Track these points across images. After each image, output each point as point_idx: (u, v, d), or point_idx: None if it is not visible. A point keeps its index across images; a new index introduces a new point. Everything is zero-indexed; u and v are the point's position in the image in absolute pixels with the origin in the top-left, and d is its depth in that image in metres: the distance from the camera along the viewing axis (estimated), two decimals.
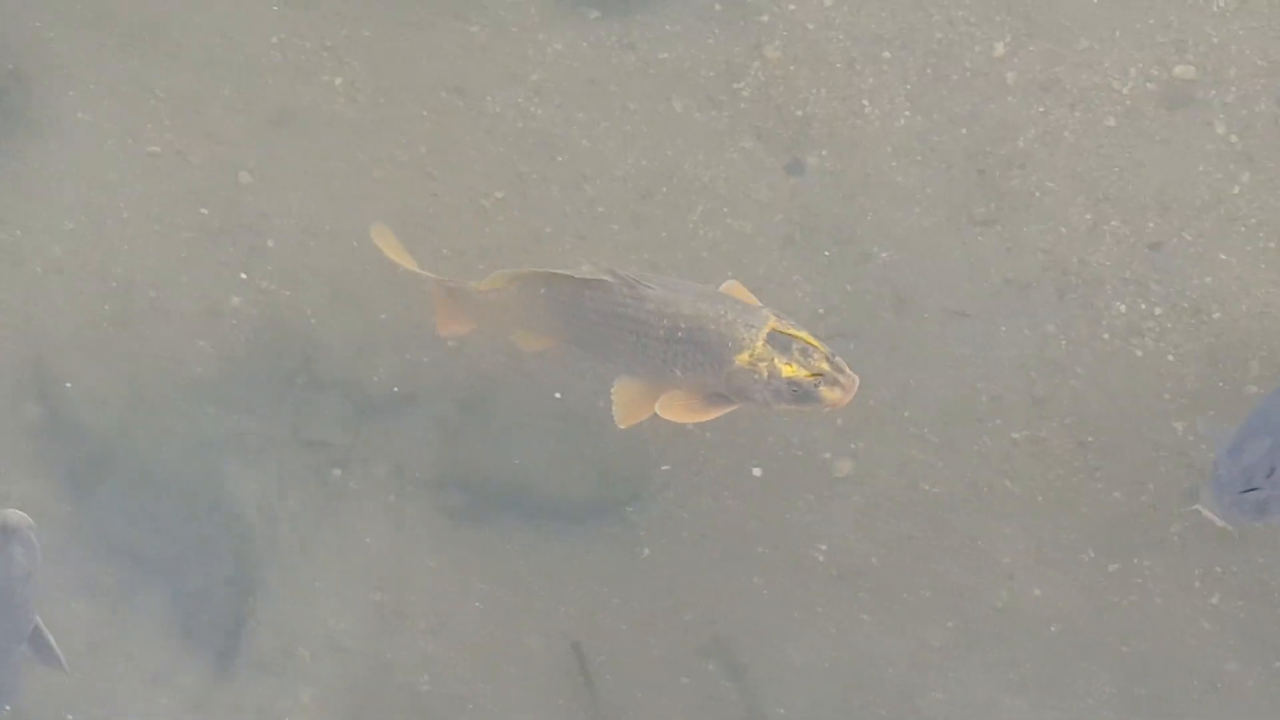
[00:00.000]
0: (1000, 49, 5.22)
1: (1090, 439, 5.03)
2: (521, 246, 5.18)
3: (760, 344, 4.59)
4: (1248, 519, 4.65)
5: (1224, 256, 5.13)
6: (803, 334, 4.61)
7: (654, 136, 5.23)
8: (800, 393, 4.59)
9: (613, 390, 4.76)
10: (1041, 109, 5.19)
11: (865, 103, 5.22)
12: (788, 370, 4.58)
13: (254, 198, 5.23)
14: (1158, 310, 5.11)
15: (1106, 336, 5.10)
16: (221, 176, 5.24)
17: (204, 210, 5.22)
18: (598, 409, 5.10)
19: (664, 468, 5.10)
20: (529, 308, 4.81)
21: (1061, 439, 5.06)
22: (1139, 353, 5.10)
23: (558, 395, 5.11)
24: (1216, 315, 5.11)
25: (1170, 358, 5.09)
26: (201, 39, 5.30)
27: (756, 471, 5.10)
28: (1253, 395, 5.06)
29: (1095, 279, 5.12)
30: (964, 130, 5.20)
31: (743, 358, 4.60)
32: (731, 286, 4.81)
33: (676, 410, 4.71)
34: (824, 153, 5.20)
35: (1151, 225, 5.15)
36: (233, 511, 5.13)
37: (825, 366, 4.58)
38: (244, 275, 5.19)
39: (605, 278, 4.69)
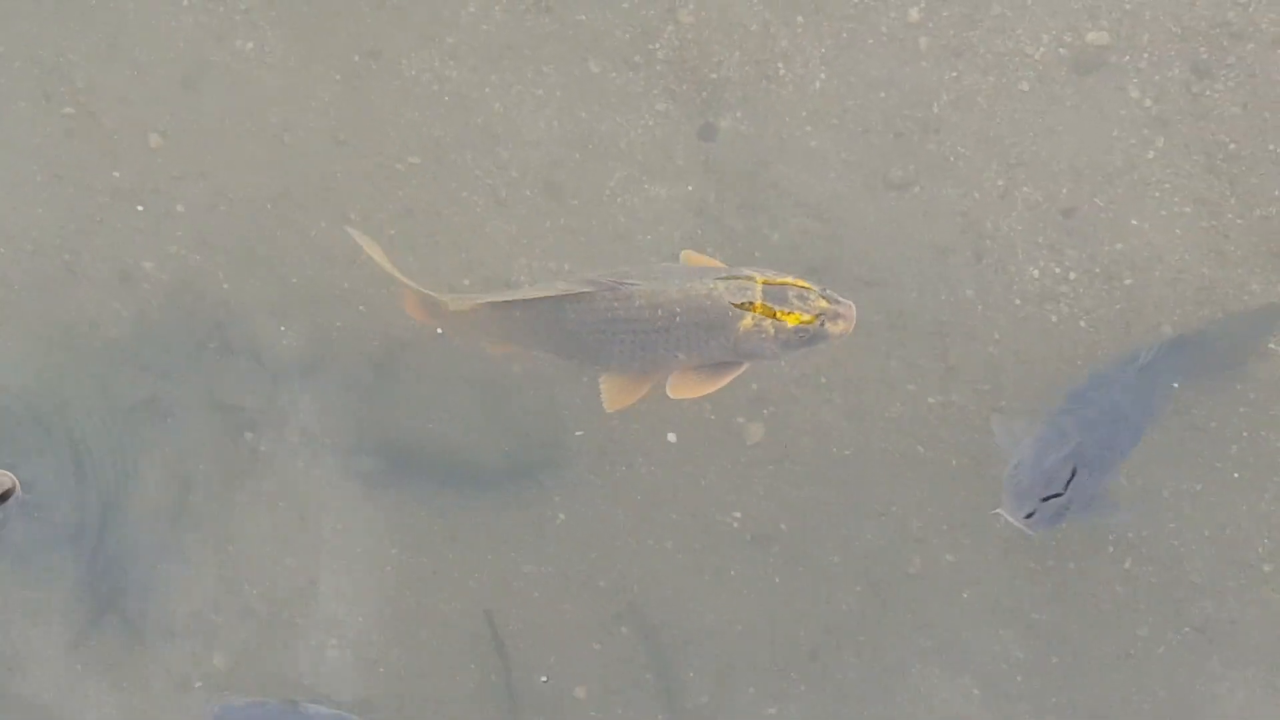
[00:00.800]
0: (915, 14, 5.20)
1: (1004, 404, 5.03)
2: (435, 210, 5.15)
3: (759, 304, 4.62)
4: (1047, 525, 4.70)
5: (1137, 222, 5.13)
6: (788, 279, 4.64)
7: (569, 100, 5.21)
8: (809, 336, 4.63)
9: (601, 380, 4.76)
10: (955, 74, 5.18)
11: (780, 66, 5.20)
12: (792, 320, 4.61)
13: (165, 161, 5.19)
14: (1072, 275, 5.11)
15: (1019, 302, 5.10)
16: (133, 139, 5.20)
17: (116, 173, 5.19)
18: (512, 373, 5.08)
19: (578, 433, 5.09)
20: (503, 327, 4.79)
21: (975, 404, 5.06)
22: (1053, 318, 5.10)
23: (471, 360, 5.10)
24: (1129, 281, 5.11)
25: (1083, 323, 5.09)
26: (114, 1, 5.26)
27: (671, 437, 5.09)
28: None
29: (1009, 244, 5.12)
30: (880, 94, 5.19)
31: (746, 322, 4.63)
32: (689, 255, 4.82)
33: (687, 389, 4.73)
34: (738, 115, 5.18)
35: (1065, 191, 5.14)
36: (145, 475, 5.10)
37: (824, 304, 4.62)
38: (155, 239, 5.16)
39: (585, 289, 4.66)
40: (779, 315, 4.61)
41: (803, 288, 4.63)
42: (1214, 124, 5.16)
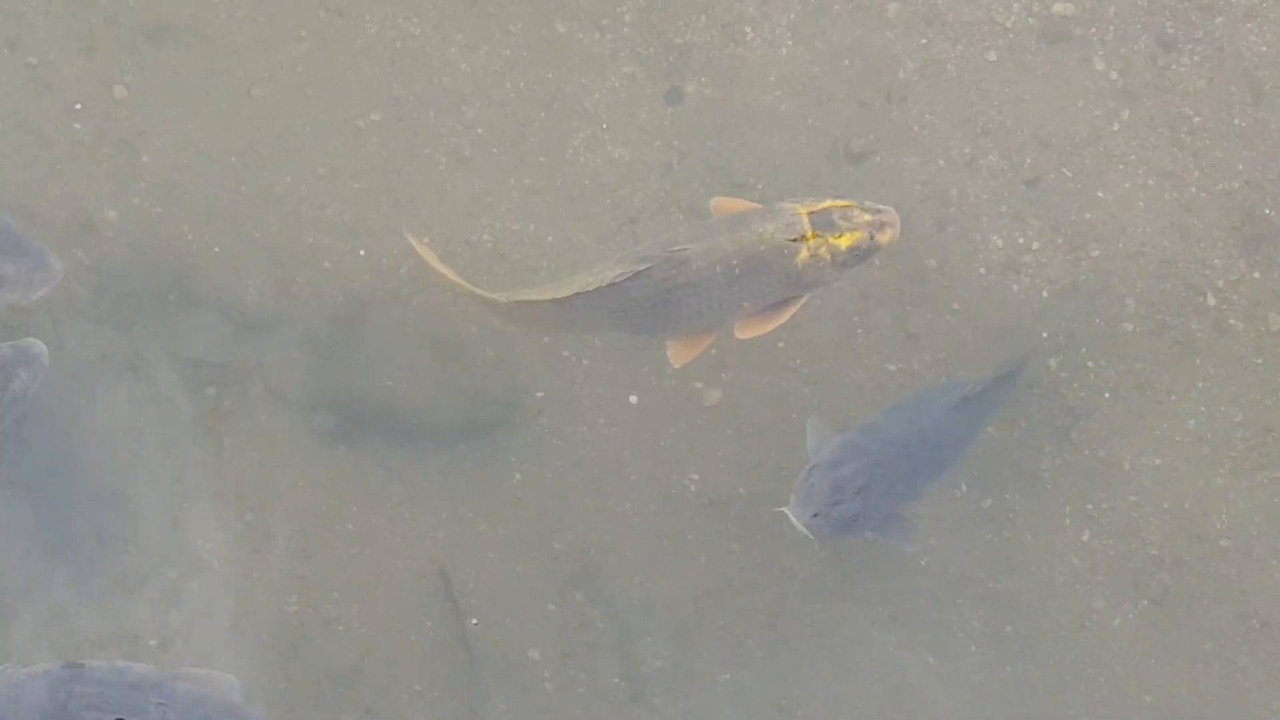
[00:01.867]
0: None
1: (963, 373, 5.03)
2: (396, 169, 5.15)
3: (810, 235, 4.68)
4: (832, 532, 4.71)
5: (1102, 194, 5.13)
6: (828, 202, 4.72)
7: (535, 60, 5.20)
8: (862, 252, 4.72)
9: (667, 342, 4.81)
10: (923, 41, 5.18)
11: (747, 30, 5.19)
12: (845, 241, 4.69)
13: (130, 112, 5.18)
14: (1035, 246, 5.11)
15: (982, 271, 5.10)
16: (97, 90, 5.19)
17: (78, 125, 5.17)
18: (472, 333, 5.08)
19: (538, 394, 5.08)
20: (565, 318, 4.83)
21: (934, 373, 5.06)
22: (1015, 288, 5.10)
23: (432, 319, 5.10)
24: (1094, 253, 5.11)
25: (1045, 294, 5.09)
26: None
27: (633, 399, 5.08)
28: (1129, 333, 5.07)
29: (972, 213, 5.11)
30: (846, 61, 5.18)
31: (802, 255, 4.68)
32: (719, 203, 4.86)
33: (755, 329, 4.79)
34: (704, 80, 5.18)
35: (1030, 160, 5.14)
36: (103, 428, 5.09)
37: (867, 217, 4.70)
38: (119, 189, 5.15)
39: (641, 267, 4.69)
40: (831, 239, 4.66)
41: (844, 206, 4.69)
42: (1179, 97, 5.17)
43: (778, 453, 5.05)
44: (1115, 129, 5.14)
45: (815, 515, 4.69)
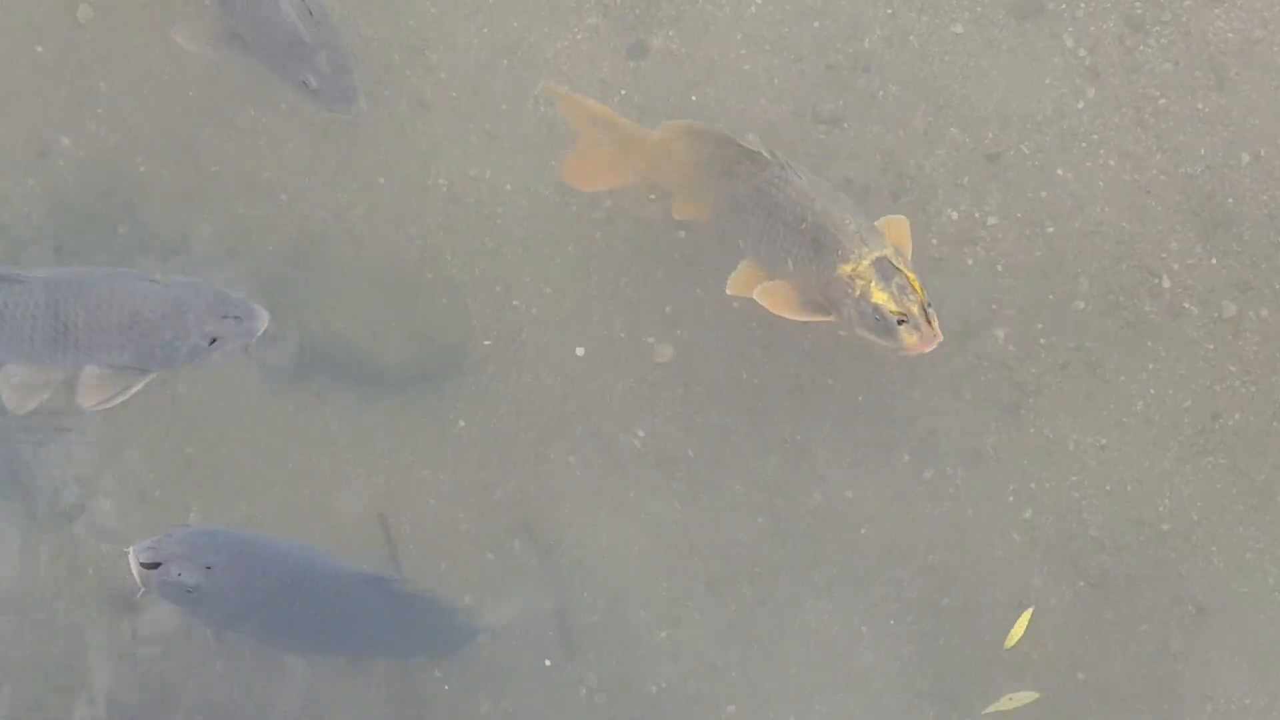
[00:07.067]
0: None
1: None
2: None
3: (866, 263, 4.63)
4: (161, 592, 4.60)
5: (1061, 172, 5.12)
6: (910, 274, 4.65)
7: (501, 7, 5.17)
8: (882, 324, 4.64)
9: (742, 262, 4.80)
10: (890, 10, 5.16)
11: None
12: (879, 296, 4.62)
13: (92, 36, 5.14)
14: (991, 221, 5.10)
15: (936, 242, 5.08)
16: (61, 11, 5.14)
17: (39, 47, 5.13)
18: (424, 278, 5.05)
19: (486, 342, 5.06)
20: (691, 166, 4.82)
21: None
22: (969, 261, 5.09)
23: (383, 261, 5.07)
24: (1050, 230, 5.10)
25: (999, 268, 5.08)
26: None
27: (579, 351, 5.06)
28: (1081, 312, 5.07)
29: (929, 185, 5.10)
30: (815, 24, 5.16)
31: (845, 269, 4.64)
32: (890, 221, 4.82)
33: (775, 300, 4.77)
34: (670, 34, 5.16)
35: (991, 135, 5.13)
36: None
37: (915, 310, 4.63)
38: (75, 115, 5.11)
39: (764, 153, 4.72)
40: (875, 286, 4.62)
41: (912, 285, 4.64)
42: (1145, 79, 5.16)
43: (728, 414, 5.03)
44: (1080, 107, 5.13)
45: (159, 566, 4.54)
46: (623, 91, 5.13)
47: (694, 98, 5.12)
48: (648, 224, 5.07)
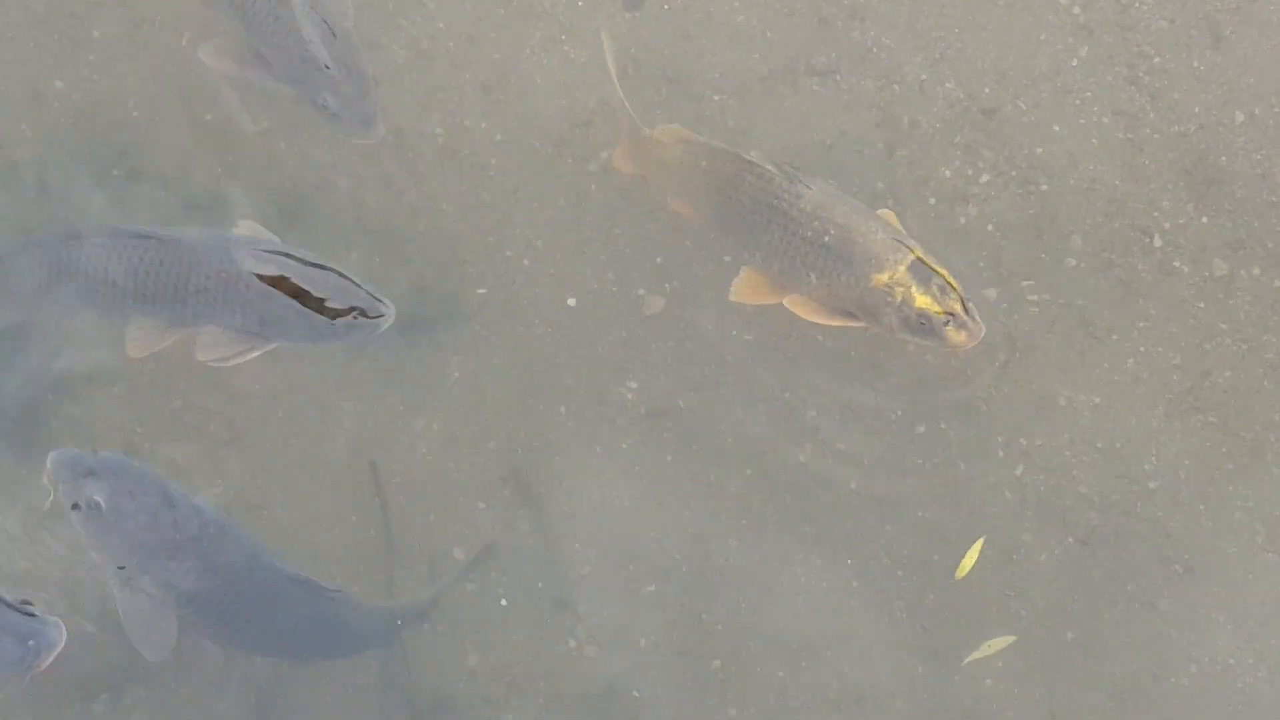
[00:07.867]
0: None
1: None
2: None
3: (903, 269, 4.65)
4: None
5: (1057, 129, 5.12)
6: (944, 271, 4.68)
7: None
8: (928, 326, 4.67)
9: (743, 269, 4.81)
10: None
11: None
12: (922, 301, 4.65)
13: None
14: (984, 178, 5.10)
15: (931, 200, 5.08)
16: None
17: None
18: (417, 227, 5.05)
19: (480, 291, 5.05)
20: (688, 175, 4.83)
21: None
22: (962, 219, 5.09)
23: (375, 210, 5.06)
24: (1044, 187, 5.10)
25: (990, 227, 5.08)
26: None
27: (571, 302, 5.06)
28: (1073, 269, 5.07)
29: (924, 140, 5.10)
30: None
31: (881, 278, 4.66)
32: (887, 214, 4.84)
33: (805, 310, 4.78)
34: None
35: (987, 91, 5.13)
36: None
37: (958, 308, 4.66)
38: (69, 61, 5.10)
39: (768, 167, 4.72)
40: (915, 290, 4.64)
41: (949, 284, 4.67)
42: (1140, 36, 5.16)
43: (718, 367, 5.03)
44: (1074, 64, 5.13)
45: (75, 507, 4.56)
46: (614, 47, 5.12)
47: (689, 51, 5.12)
48: (640, 177, 5.06)
